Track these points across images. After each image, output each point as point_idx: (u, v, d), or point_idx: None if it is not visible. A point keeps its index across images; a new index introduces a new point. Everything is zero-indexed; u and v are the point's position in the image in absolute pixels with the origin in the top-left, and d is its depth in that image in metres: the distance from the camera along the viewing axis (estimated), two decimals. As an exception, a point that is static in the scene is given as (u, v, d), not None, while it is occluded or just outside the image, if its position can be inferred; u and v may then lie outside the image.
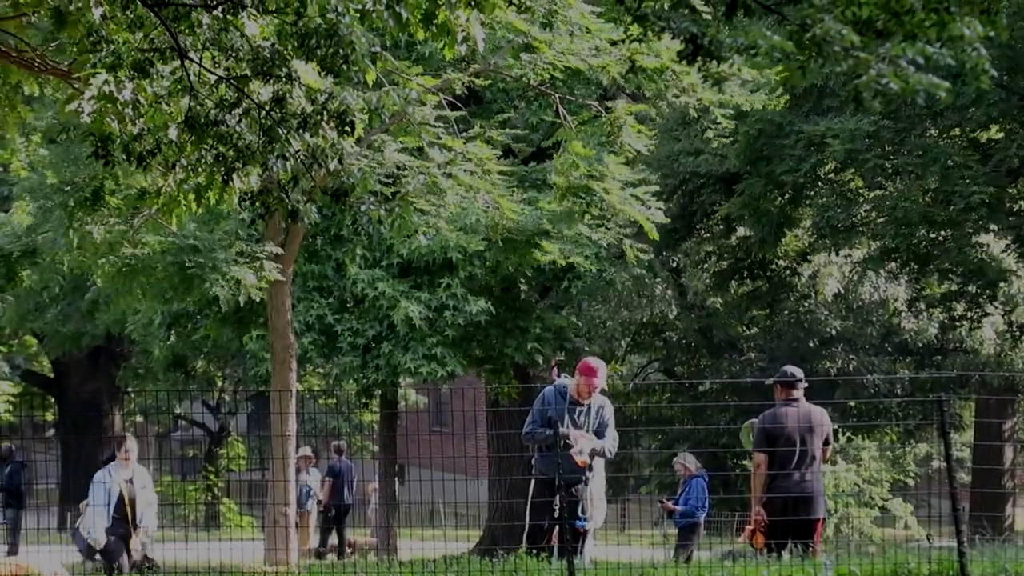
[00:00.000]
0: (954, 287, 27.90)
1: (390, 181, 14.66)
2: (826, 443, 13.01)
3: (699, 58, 6.76)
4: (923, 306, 31.80)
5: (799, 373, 13.21)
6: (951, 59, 5.89)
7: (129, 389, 38.51)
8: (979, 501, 30.06)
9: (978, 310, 28.63)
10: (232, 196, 9.15)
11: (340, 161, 8.73)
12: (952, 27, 5.68)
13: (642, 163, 18.03)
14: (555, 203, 17.43)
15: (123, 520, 15.36)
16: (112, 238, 16.52)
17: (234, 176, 8.81)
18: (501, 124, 18.61)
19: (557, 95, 16.35)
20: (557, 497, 11.92)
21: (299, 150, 8.62)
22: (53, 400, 43.02)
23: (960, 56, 5.92)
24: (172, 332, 24.60)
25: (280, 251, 17.37)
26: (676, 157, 27.84)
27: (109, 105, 8.34)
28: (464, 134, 16.35)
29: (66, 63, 9.73)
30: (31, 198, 18.13)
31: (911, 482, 35.76)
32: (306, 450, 24.92)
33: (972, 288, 27.55)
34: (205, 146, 8.71)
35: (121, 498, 15.42)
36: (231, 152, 8.65)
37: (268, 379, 22.87)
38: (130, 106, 8.22)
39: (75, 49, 9.00)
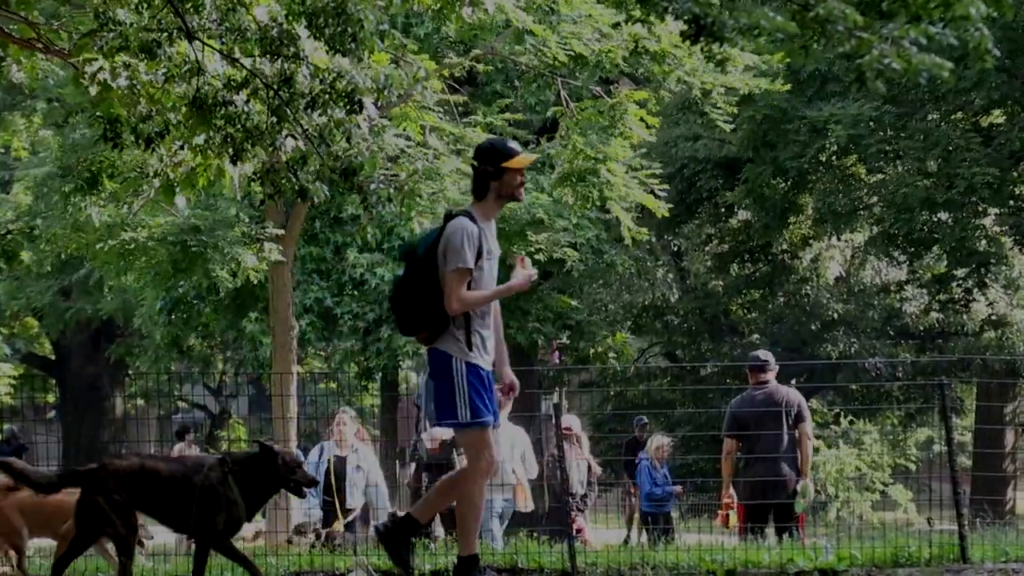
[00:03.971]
0: (951, 268, 27.93)
1: (391, 165, 14.64)
2: (800, 420, 13.01)
3: (702, 39, 6.75)
4: (916, 287, 31.83)
5: (765, 356, 13.31)
6: (954, 39, 5.86)
7: (130, 372, 38.50)
8: (980, 485, 30.03)
9: (974, 291, 28.66)
10: (227, 176, 9.15)
11: (348, 140, 8.71)
12: (957, 6, 5.65)
13: (642, 148, 18.00)
14: (556, 187, 17.40)
15: (331, 503, 14.50)
16: (111, 221, 16.49)
17: (242, 156, 8.81)
18: (501, 110, 18.56)
19: (560, 78, 16.32)
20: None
21: (307, 129, 8.60)
22: (54, 382, 42.99)
23: (963, 36, 5.89)
24: (172, 316, 24.55)
25: (281, 232, 17.35)
26: (675, 143, 27.79)
27: (107, 92, 8.35)
28: (464, 120, 16.32)
29: (68, 45, 9.69)
30: (30, 181, 18.11)
31: (912, 466, 35.73)
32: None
33: (965, 271, 27.57)
34: (213, 127, 8.69)
35: (327, 477, 14.44)
36: (240, 133, 8.63)
37: (266, 363, 22.83)
38: (128, 90, 8.21)
39: (80, 29, 8.99)
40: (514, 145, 8.32)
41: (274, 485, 8.49)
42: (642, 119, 16.26)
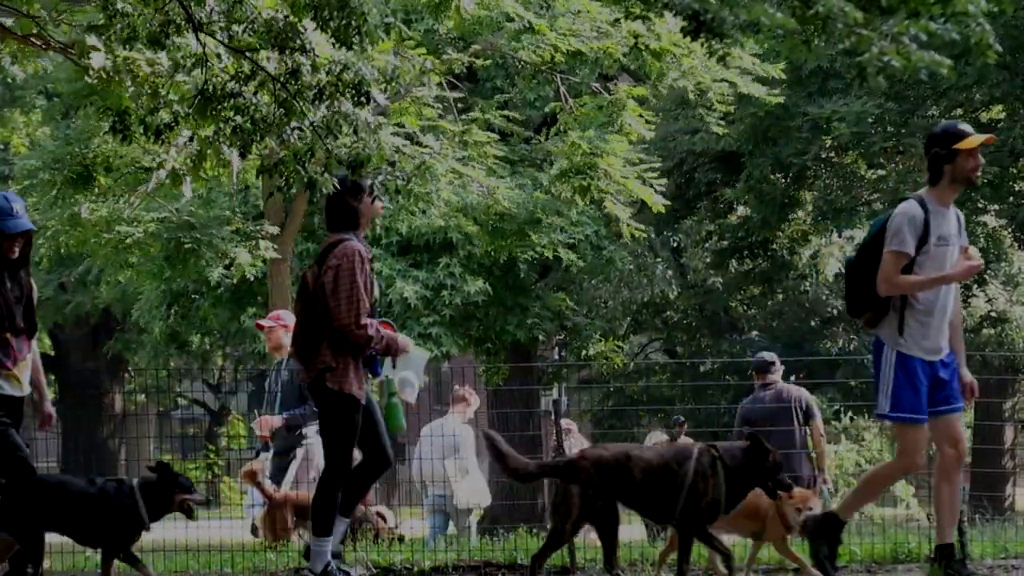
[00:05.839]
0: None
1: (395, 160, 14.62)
2: (810, 417, 13.13)
3: (702, 35, 6.74)
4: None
5: (771, 357, 13.42)
6: (955, 35, 5.85)
7: (130, 368, 38.47)
8: (979, 481, 30.01)
9: (973, 287, 28.66)
10: (230, 167, 9.15)
11: (355, 132, 8.70)
12: (956, 2, 5.64)
13: (642, 144, 17.99)
14: (554, 183, 17.38)
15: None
16: (107, 216, 16.47)
17: (250, 148, 8.82)
18: (501, 105, 18.56)
19: (559, 74, 16.32)
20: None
21: (314, 121, 8.60)
22: (53, 378, 42.95)
23: (964, 32, 5.88)
24: (172, 311, 24.48)
25: (277, 231, 17.32)
26: (673, 137, 27.76)
27: (115, 78, 8.35)
28: (463, 116, 16.30)
29: (68, 39, 9.67)
30: (27, 175, 18.09)
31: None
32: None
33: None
34: (223, 119, 8.69)
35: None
36: (248, 124, 8.63)
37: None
38: (129, 78, 8.21)
39: (79, 21, 8.98)
40: (966, 127, 8.19)
41: (755, 481, 8.17)
42: (640, 115, 16.27)
